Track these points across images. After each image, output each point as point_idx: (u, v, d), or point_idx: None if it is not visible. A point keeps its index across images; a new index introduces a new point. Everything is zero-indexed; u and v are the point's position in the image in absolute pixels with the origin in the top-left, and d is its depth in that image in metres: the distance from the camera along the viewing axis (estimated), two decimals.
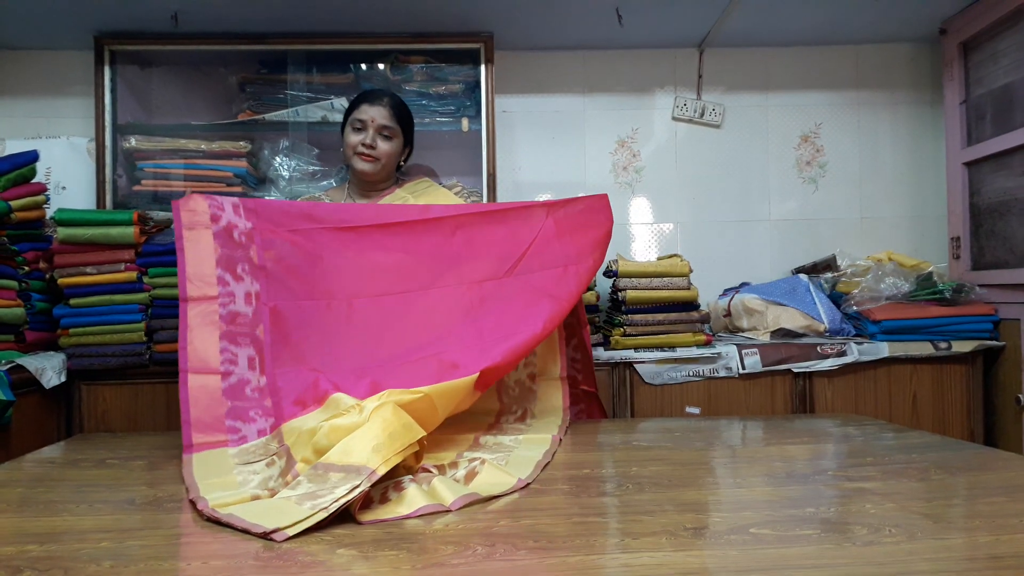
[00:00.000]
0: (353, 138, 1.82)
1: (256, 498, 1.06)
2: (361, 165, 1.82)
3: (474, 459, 1.20)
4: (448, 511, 1.01)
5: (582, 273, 1.64)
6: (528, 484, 1.14)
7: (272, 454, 1.24)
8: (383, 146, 1.81)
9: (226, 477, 1.16)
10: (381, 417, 1.09)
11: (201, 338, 1.37)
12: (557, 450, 1.39)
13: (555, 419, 1.60)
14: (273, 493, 1.08)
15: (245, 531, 0.93)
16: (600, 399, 1.87)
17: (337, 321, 1.50)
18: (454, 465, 1.19)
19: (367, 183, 1.86)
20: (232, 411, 1.32)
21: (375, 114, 1.80)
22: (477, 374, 1.34)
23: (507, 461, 1.26)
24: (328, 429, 1.12)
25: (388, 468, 1.02)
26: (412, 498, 1.02)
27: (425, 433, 1.12)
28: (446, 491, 1.04)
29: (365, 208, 1.65)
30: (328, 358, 1.44)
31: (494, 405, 1.62)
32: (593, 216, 1.72)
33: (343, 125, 1.90)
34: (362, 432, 1.07)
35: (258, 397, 1.35)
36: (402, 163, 1.94)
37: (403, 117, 1.87)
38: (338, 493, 0.96)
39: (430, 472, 1.13)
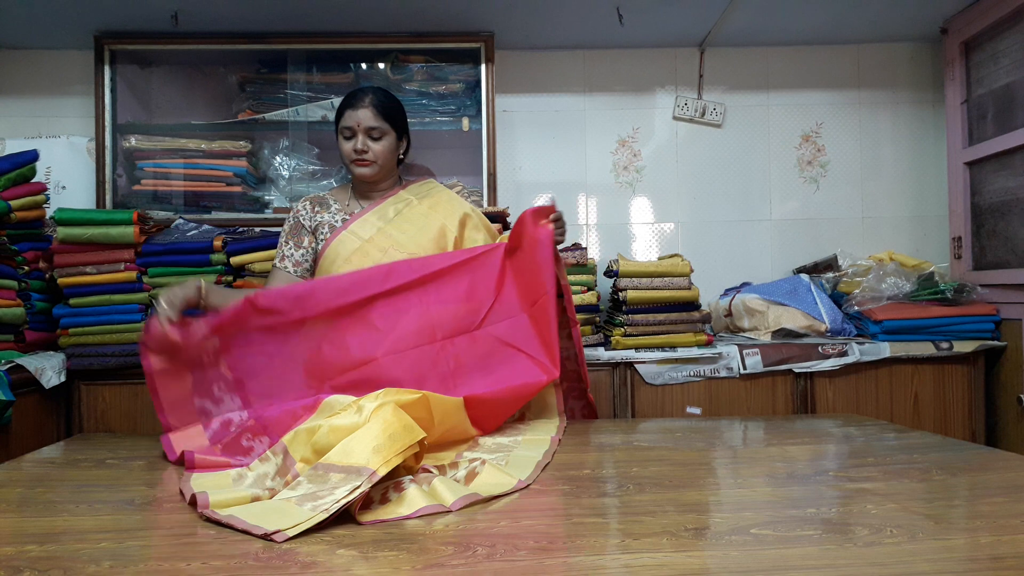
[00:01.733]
0: (345, 146, 1.80)
1: (256, 499, 1.05)
2: (359, 171, 1.80)
3: (474, 459, 1.20)
4: (449, 511, 1.01)
5: (542, 310, 1.59)
6: (528, 485, 1.14)
7: (267, 451, 1.23)
8: (375, 147, 1.79)
9: (221, 479, 1.16)
10: (381, 418, 1.09)
11: (190, 447, 1.35)
12: (557, 450, 1.39)
13: (552, 421, 1.60)
14: (273, 493, 1.08)
15: (245, 532, 0.93)
16: (592, 399, 1.85)
17: (309, 393, 1.48)
18: (454, 465, 1.19)
19: (369, 185, 1.85)
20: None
21: (360, 117, 1.77)
22: (461, 398, 1.37)
23: (507, 461, 1.25)
24: (328, 429, 1.11)
25: (389, 469, 1.02)
26: (412, 498, 1.02)
27: (425, 435, 1.12)
28: (446, 491, 1.04)
29: (328, 287, 1.59)
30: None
31: None
32: (523, 239, 1.66)
33: (336, 132, 1.88)
34: (362, 432, 1.07)
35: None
36: (402, 156, 1.91)
37: (389, 112, 1.82)
38: (338, 494, 0.96)
39: (430, 472, 1.13)
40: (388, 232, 1.76)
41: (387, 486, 1.07)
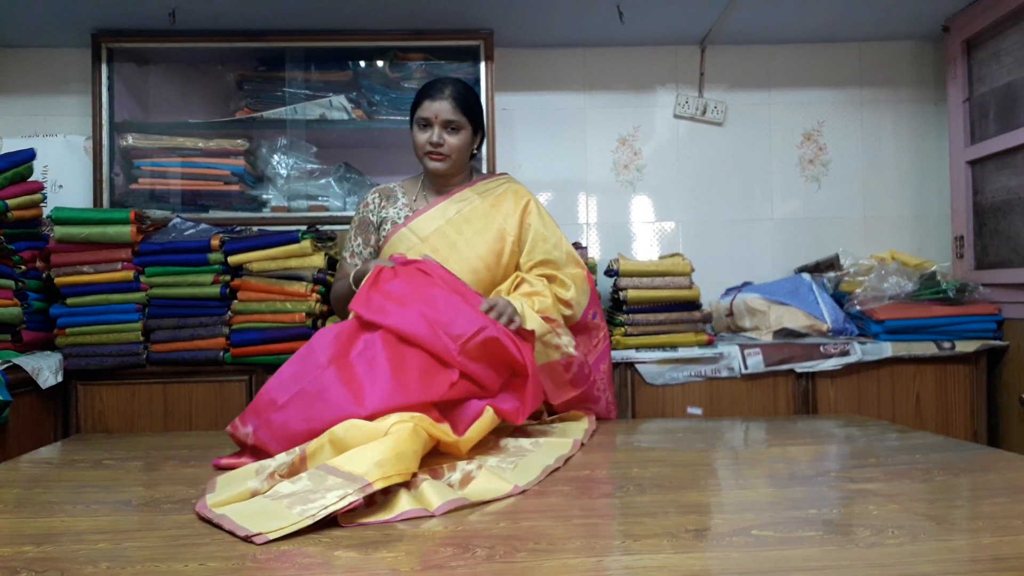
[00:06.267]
0: (420, 137, 1.74)
1: (256, 493, 1.05)
2: (432, 165, 1.74)
3: (471, 463, 1.19)
4: (432, 516, 1.00)
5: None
6: (524, 490, 1.12)
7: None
8: (451, 140, 1.71)
9: (246, 470, 1.16)
10: (396, 435, 1.09)
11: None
12: (574, 455, 1.36)
13: (580, 423, 1.59)
14: (273, 484, 1.07)
15: (231, 533, 0.93)
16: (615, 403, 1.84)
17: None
18: (452, 468, 1.18)
19: (440, 179, 1.81)
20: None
21: (438, 109, 1.70)
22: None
23: (516, 465, 1.23)
24: (348, 424, 1.13)
25: (385, 485, 1.01)
26: (397, 502, 1.02)
27: (416, 471, 1.11)
28: (433, 495, 1.03)
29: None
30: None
31: None
32: None
33: (411, 122, 1.83)
34: (374, 444, 1.08)
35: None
36: (475, 151, 1.86)
37: (468, 106, 1.74)
38: (328, 499, 0.96)
39: (424, 477, 1.12)
40: (445, 232, 1.73)
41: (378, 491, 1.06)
